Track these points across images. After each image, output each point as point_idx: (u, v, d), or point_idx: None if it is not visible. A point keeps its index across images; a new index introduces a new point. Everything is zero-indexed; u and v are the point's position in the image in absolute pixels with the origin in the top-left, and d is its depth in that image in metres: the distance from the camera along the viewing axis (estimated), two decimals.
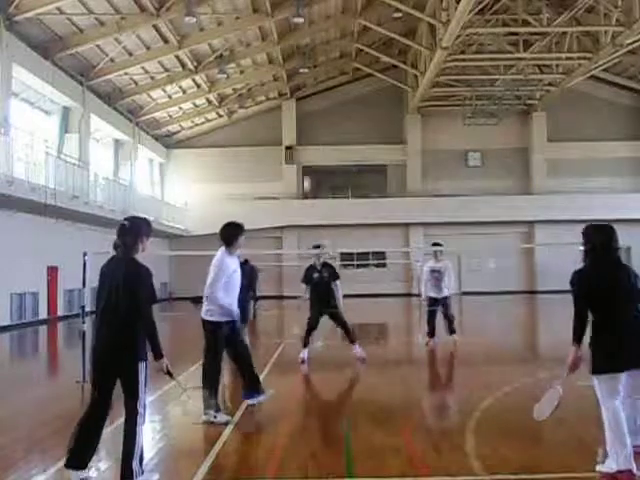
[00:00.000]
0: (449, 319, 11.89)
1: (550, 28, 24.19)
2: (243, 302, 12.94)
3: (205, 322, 6.71)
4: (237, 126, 33.73)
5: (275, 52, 27.00)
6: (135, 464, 4.39)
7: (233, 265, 6.71)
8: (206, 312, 6.68)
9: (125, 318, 4.44)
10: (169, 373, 4.65)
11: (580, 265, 4.80)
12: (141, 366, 4.46)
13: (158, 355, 4.58)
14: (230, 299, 6.61)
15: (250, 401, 6.94)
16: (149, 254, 4.88)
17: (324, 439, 5.92)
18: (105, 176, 24.52)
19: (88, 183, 21.52)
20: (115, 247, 4.62)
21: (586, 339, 4.73)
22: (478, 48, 26.25)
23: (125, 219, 4.67)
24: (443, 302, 11.78)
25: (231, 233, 6.68)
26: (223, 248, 6.67)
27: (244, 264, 12.73)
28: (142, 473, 4.44)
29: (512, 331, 16.78)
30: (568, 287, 4.78)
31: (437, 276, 11.73)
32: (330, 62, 31.43)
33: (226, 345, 6.78)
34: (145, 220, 4.81)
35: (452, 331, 11.84)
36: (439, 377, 9.43)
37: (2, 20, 17.56)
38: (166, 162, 34.21)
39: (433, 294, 11.77)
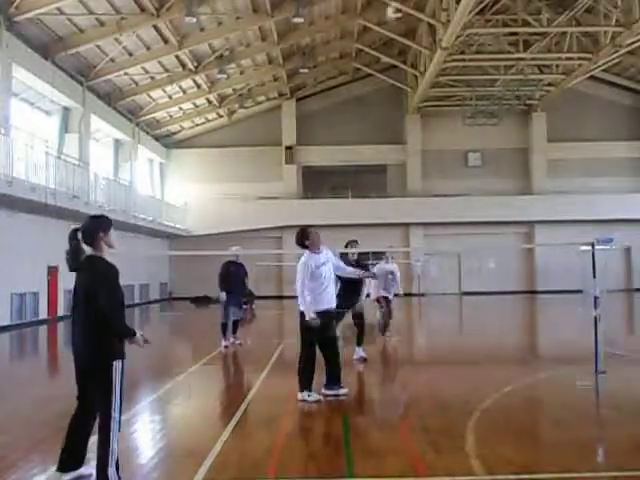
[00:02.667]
0: (385, 317, 12.75)
1: (550, 28, 24.20)
2: (240, 301, 12.97)
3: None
4: (237, 126, 33.71)
5: (275, 52, 27.00)
6: (111, 472, 4.29)
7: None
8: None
9: (94, 318, 4.34)
10: (146, 341, 4.52)
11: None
12: (116, 365, 4.35)
13: (131, 336, 4.41)
14: None
15: (327, 391, 7.40)
16: (149, 254, 4.89)
17: (324, 439, 5.92)
18: (105, 176, 24.51)
19: (88, 183, 21.51)
20: (68, 252, 4.53)
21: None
22: (478, 48, 26.23)
23: (76, 228, 4.60)
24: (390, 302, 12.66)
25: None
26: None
27: (239, 264, 12.73)
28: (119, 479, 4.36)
29: (512, 331, 16.78)
30: (567, 287, 4.78)
31: (391, 277, 12.53)
32: (330, 62, 31.43)
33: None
34: (97, 217, 4.71)
35: (385, 330, 12.85)
36: (439, 377, 9.43)
37: (2, 20, 17.56)
38: (166, 162, 34.21)
39: (385, 294, 12.65)
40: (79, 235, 4.55)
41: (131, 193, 26.62)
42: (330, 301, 7.47)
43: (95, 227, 4.58)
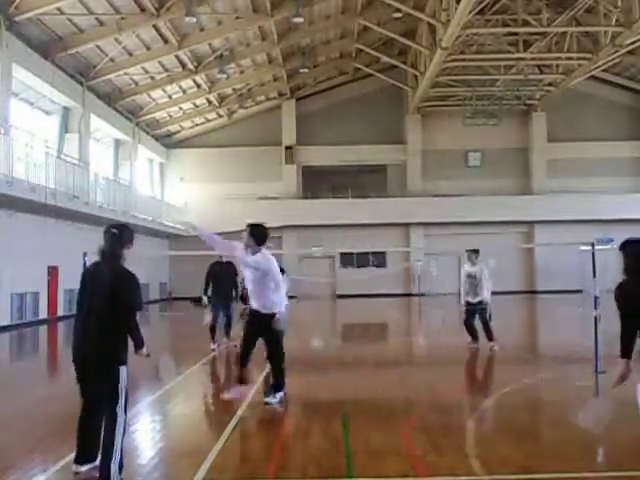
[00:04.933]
0: (483, 324, 11.65)
1: (550, 28, 24.18)
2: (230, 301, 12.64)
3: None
4: (237, 126, 33.71)
5: (275, 52, 26.99)
6: (114, 469, 4.34)
7: None
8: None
9: (110, 324, 4.47)
10: (148, 355, 4.75)
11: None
12: (122, 370, 4.50)
13: (141, 346, 4.65)
14: None
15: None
16: (149, 254, 4.97)
17: (324, 439, 5.92)
18: (105, 176, 24.50)
19: (88, 183, 21.50)
20: (101, 253, 4.69)
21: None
22: (478, 48, 26.22)
23: (113, 227, 4.74)
24: (478, 307, 11.63)
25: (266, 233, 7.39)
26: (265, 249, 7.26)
27: (226, 263, 12.49)
28: None
29: (512, 331, 16.77)
30: (567, 287, 4.77)
31: (472, 281, 11.66)
32: (330, 62, 31.43)
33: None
34: (129, 228, 4.91)
35: (489, 338, 11.50)
36: (439, 377, 9.43)
37: (2, 20, 17.55)
38: (166, 162, 34.21)
39: (469, 298, 11.69)
40: (115, 240, 4.69)
41: (131, 193, 26.61)
42: None
43: (129, 238, 4.79)
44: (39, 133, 20.69)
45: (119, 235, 4.68)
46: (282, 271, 10.96)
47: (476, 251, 12.07)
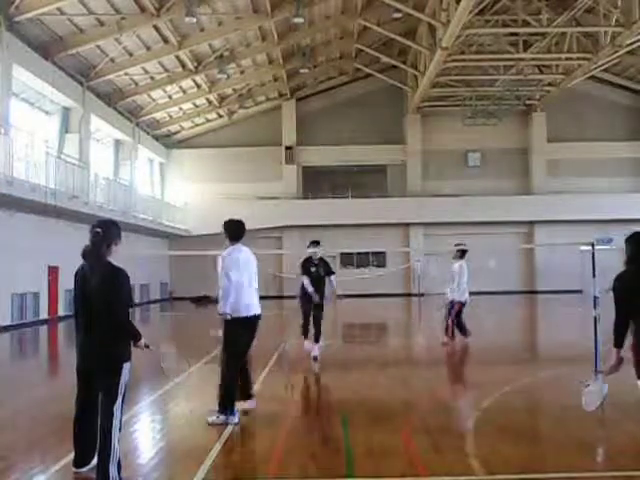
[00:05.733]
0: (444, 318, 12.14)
1: (550, 28, 24.19)
2: None
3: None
4: (237, 126, 33.71)
5: (275, 52, 27.00)
6: (112, 469, 4.35)
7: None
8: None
9: (109, 322, 4.47)
10: (147, 346, 4.73)
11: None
12: (125, 366, 4.50)
13: (137, 339, 4.64)
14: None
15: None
16: (149, 254, 4.94)
17: (324, 439, 5.92)
18: (105, 176, 24.51)
19: (88, 183, 21.51)
20: (84, 254, 4.66)
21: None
22: (478, 48, 26.22)
23: (97, 226, 4.70)
24: (449, 304, 12.26)
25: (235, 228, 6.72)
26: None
27: None
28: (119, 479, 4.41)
29: (512, 331, 16.79)
30: (567, 287, 4.78)
31: (448, 278, 12.15)
32: (330, 62, 31.43)
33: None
34: (115, 224, 4.87)
35: (445, 331, 12.15)
36: (439, 377, 9.43)
37: (2, 20, 17.56)
38: (166, 162, 34.21)
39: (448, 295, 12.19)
40: (99, 238, 4.65)
41: (131, 193, 26.62)
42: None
43: (116, 233, 4.75)
44: (39, 133, 20.68)
45: (102, 234, 4.65)
46: (332, 272, 11.03)
47: (460, 250, 12.31)
